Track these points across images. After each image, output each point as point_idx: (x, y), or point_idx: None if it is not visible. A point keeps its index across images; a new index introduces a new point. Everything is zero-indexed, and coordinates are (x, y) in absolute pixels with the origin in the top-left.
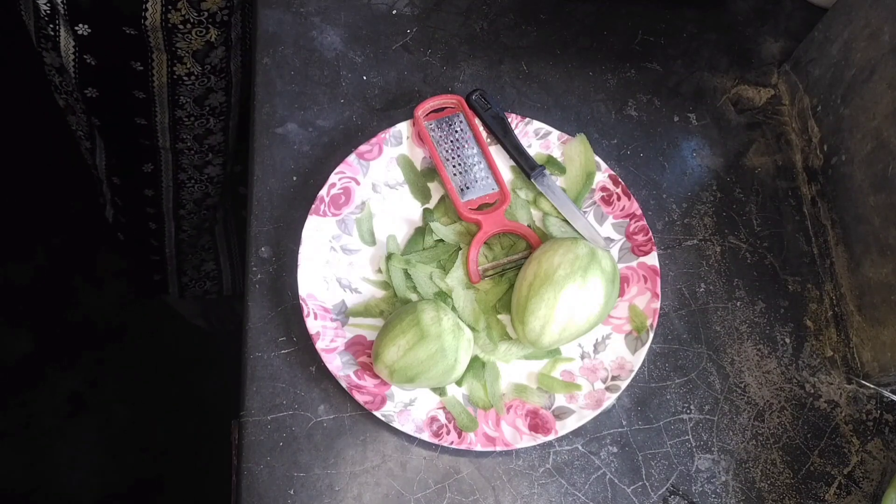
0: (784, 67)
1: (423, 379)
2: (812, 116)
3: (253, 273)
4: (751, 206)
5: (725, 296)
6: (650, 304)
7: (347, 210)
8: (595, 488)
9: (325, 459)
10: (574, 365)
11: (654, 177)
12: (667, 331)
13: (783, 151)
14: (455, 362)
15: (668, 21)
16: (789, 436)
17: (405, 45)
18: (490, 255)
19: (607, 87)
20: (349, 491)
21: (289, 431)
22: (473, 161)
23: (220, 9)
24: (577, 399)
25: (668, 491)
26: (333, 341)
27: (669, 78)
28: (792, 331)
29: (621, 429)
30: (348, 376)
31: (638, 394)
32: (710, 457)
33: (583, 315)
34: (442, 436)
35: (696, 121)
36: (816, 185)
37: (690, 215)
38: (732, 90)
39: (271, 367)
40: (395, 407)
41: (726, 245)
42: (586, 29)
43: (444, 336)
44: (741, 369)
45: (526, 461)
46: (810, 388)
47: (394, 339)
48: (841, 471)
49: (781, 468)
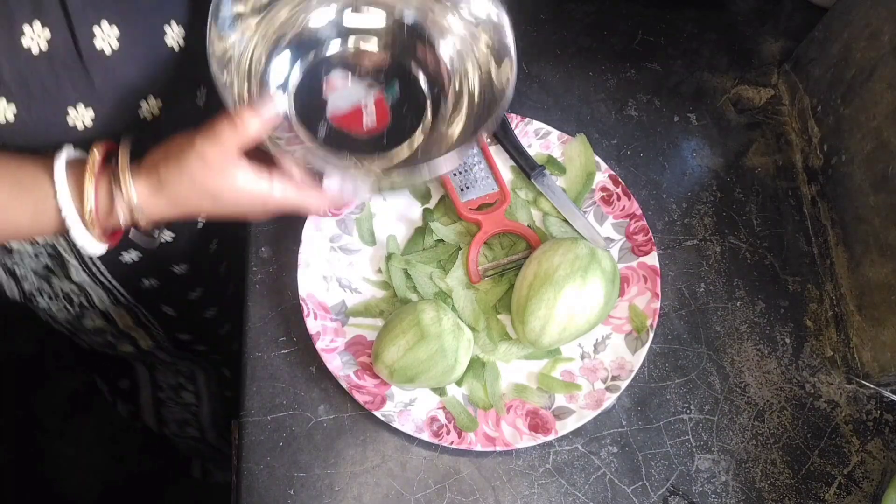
0: (784, 67)
1: (423, 379)
2: (812, 116)
3: (253, 273)
4: (751, 206)
5: (725, 296)
6: (650, 304)
7: (347, 210)
8: (595, 488)
9: (325, 459)
10: (574, 365)
11: (654, 177)
12: (667, 331)
13: (783, 151)
14: (455, 362)
15: (668, 21)
16: (789, 436)
17: None
18: (490, 255)
19: (607, 87)
20: (349, 491)
21: (289, 431)
22: (473, 161)
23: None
24: (577, 399)
25: (668, 491)
26: (333, 341)
27: (669, 78)
28: (792, 331)
29: (621, 429)
30: (348, 376)
31: (638, 394)
32: (710, 457)
33: (583, 315)
34: (442, 436)
35: (696, 121)
36: (816, 185)
37: (690, 215)
38: (732, 90)
39: (271, 367)
40: (395, 407)
41: (726, 245)
42: (586, 29)
43: (444, 336)
44: (741, 369)
45: (526, 461)
46: (810, 388)
47: (394, 339)
48: (841, 471)
49: (781, 468)
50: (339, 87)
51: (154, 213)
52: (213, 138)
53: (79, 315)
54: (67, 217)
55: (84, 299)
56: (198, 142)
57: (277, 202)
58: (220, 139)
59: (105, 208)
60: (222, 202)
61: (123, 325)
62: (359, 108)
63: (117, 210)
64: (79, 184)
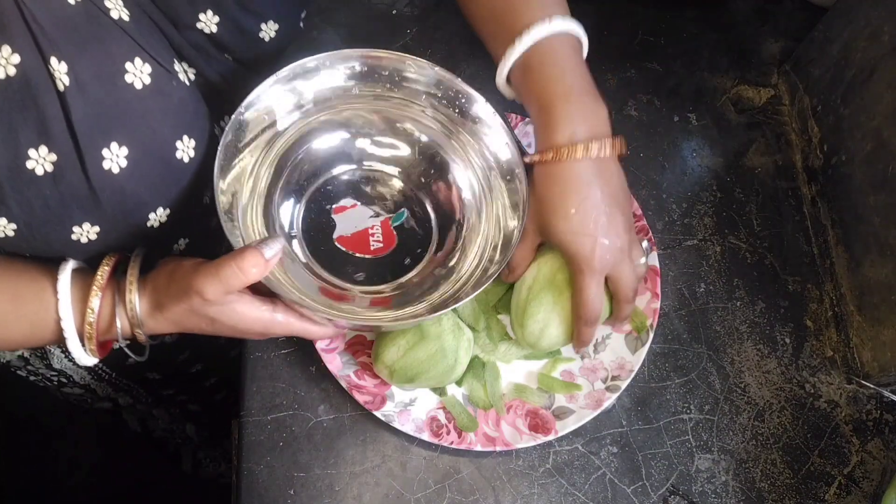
0: (784, 67)
1: (423, 379)
2: (812, 116)
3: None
4: (751, 206)
5: (725, 296)
6: (650, 304)
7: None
8: (595, 488)
9: (325, 459)
10: (574, 365)
11: (654, 177)
12: (667, 331)
13: (783, 151)
14: (455, 362)
15: (668, 21)
16: (789, 436)
17: (405, 45)
18: None
19: (607, 87)
20: (349, 491)
21: (289, 431)
22: None
23: None
24: (577, 399)
25: (668, 491)
26: (333, 341)
27: (669, 78)
28: (792, 331)
29: (621, 429)
30: (348, 376)
31: (638, 394)
32: (710, 457)
33: None
34: (442, 436)
35: (696, 121)
36: (816, 185)
37: (690, 215)
38: (732, 90)
39: (271, 367)
40: (395, 407)
41: (726, 245)
42: (586, 29)
43: (444, 336)
44: (741, 369)
45: (526, 461)
46: (810, 388)
47: (394, 339)
48: (841, 471)
49: (781, 468)
50: (346, 209)
51: (152, 330)
52: (215, 278)
53: (57, 387)
54: (66, 330)
55: (64, 378)
56: (200, 281)
57: (280, 328)
58: (223, 281)
59: (105, 323)
60: (223, 326)
61: (103, 393)
62: (365, 231)
63: (117, 324)
64: (82, 296)
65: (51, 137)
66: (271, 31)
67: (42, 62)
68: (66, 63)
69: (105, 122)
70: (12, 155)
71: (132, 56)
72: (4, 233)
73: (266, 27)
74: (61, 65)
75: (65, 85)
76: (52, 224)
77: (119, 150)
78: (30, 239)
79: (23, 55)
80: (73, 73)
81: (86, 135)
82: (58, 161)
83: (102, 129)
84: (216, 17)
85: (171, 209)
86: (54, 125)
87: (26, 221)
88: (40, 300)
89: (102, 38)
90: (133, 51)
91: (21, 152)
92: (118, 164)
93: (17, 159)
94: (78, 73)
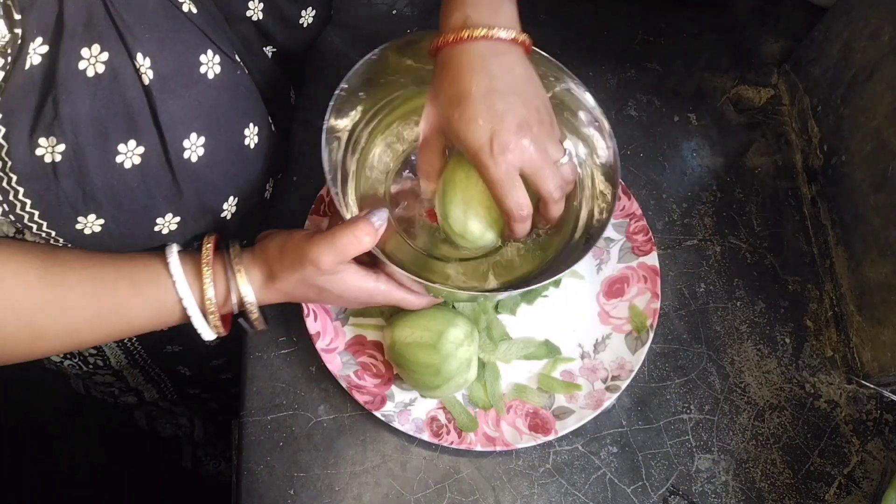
0: (784, 67)
1: (406, 375)
2: (812, 116)
3: None
4: (751, 206)
5: (725, 296)
6: (650, 304)
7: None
8: (595, 488)
9: (325, 459)
10: (574, 365)
11: (654, 177)
12: (667, 331)
13: (783, 151)
14: (440, 386)
15: (668, 21)
16: (789, 436)
17: None
18: None
19: (607, 87)
20: (349, 491)
21: (289, 431)
22: None
23: None
24: (577, 399)
25: (668, 491)
26: (333, 341)
27: (669, 78)
28: (792, 331)
29: (621, 429)
30: (348, 376)
31: (638, 394)
32: (710, 457)
33: None
34: (442, 436)
35: (696, 121)
36: (816, 185)
37: (690, 215)
38: (732, 90)
39: (271, 367)
40: (395, 407)
41: (726, 245)
42: (586, 29)
43: (449, 360)
44: (741, 369)
45: (526, 461)
46: (810, 388)
47: (414, 325)
48: (841, 471)
49: (781, 468)
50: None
51: (263, 301)
52: (330, 248)
53: (90, 373)
54: (188, 308)
55: (100, 360)
56: (315, 251)
57: (382, 297)
58: (338, 249)
59: (221, 296)
60: (330, 295)
61: (133, 382)
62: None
63: (231, 297)
64: (196, 274)
65: (138, 131)
66: (309, 16)
67: (129, 58)
68: (149, 58)
69: (185, 114)
70: (102, 150)
71: (204, 48)
72: (92, 229)
73: (305, 13)
74: (146, 60)
75: (149, 79)
76: (139, 216)
77: (197, 140)
78: (115, 234)
79: (111, 52)
80: (156, 66)
81: (169, 126)
82: (144, 153)
83: (183, 121)
84: (261, 5)
85: (239, 198)
86: (141, 119)
87: (114, 216)
88: (157, 283)
89: (179, 31)
90: (204, 43)
91: (111, 147)
92: (196, 153)
93: (107, 154)
94: (160, 67)
